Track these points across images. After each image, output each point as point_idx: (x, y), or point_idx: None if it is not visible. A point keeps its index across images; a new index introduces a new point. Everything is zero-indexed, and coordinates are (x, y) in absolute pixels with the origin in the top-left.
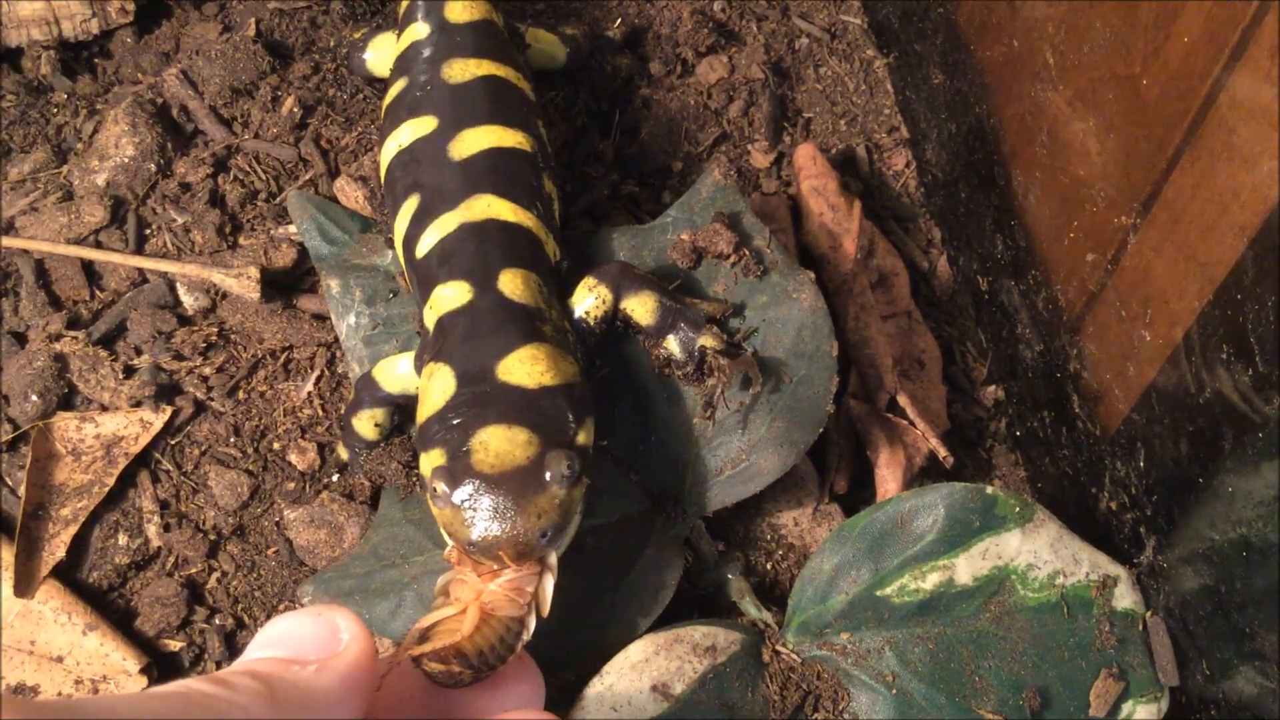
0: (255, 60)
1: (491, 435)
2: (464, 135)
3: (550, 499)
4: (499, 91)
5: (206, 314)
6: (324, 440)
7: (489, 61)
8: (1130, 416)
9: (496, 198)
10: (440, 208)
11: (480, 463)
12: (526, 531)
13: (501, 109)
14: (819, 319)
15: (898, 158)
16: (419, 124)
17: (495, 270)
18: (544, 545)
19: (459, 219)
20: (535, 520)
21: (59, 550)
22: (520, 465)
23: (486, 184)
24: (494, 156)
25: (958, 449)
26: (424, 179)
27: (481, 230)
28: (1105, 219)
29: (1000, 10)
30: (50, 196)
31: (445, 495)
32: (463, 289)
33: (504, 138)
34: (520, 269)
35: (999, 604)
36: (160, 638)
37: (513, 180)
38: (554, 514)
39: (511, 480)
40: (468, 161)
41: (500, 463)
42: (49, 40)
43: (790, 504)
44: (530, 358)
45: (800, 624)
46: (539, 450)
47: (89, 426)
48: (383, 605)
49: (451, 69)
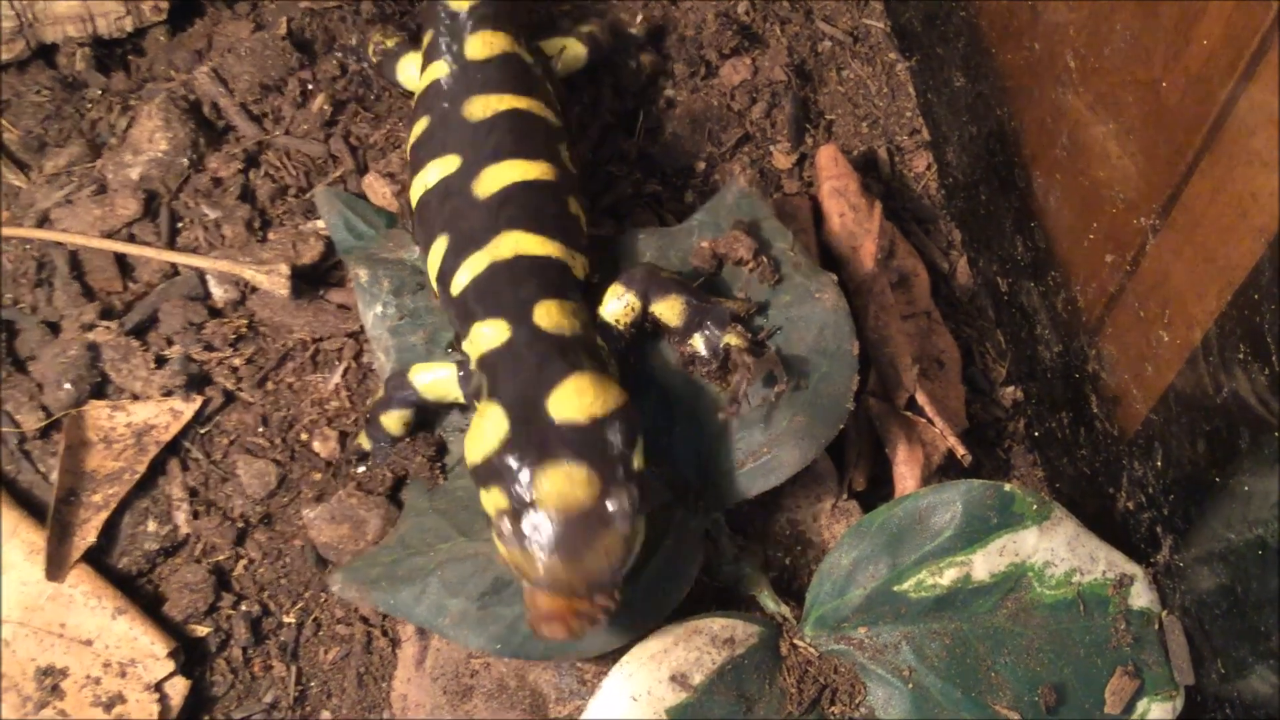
0: (284, 57)
1: (551, 476)
2: (486, 172)
3: (616, 536)
4: (520, 125)
5: (236, 306)
6: (349, 431)
7: (510, 96)
8: (1148, 417)
9: (523, 233)
10: (469, 247)
11: (544, 504)
12: (596, 570)
13: (522, 143)
14: (841, 318)
15: (919, 160)
16: (443, 163)
17: (530, 305)
18: (614, 579)
19: (488, 258)
20: (604, 557)
21: (90, 535)
22: (584, 505)
23: (511, 221)
24: (516, 191)
25: (976, 449)
26: (451, 219)
27: (511, 267)
28: (1125, 221)
29: (1022, 14)
30: (85, 190)
31: (512, 536)
32: (501, 327)
33: (526, 171)
34: (554, 299)
35: (1016, 601)
36: (188, 623)
37: (537, 213)
38: (620, 549)
39: (577, 521)
40: (491, 200)
41: (564, 504)
42: (84, 37)
43: (809, 500)
44: (576, 391)
45: (818, 618)
46: (600, 488)
47: (120, 415)
48: (408, 592)
49: (473, 106)
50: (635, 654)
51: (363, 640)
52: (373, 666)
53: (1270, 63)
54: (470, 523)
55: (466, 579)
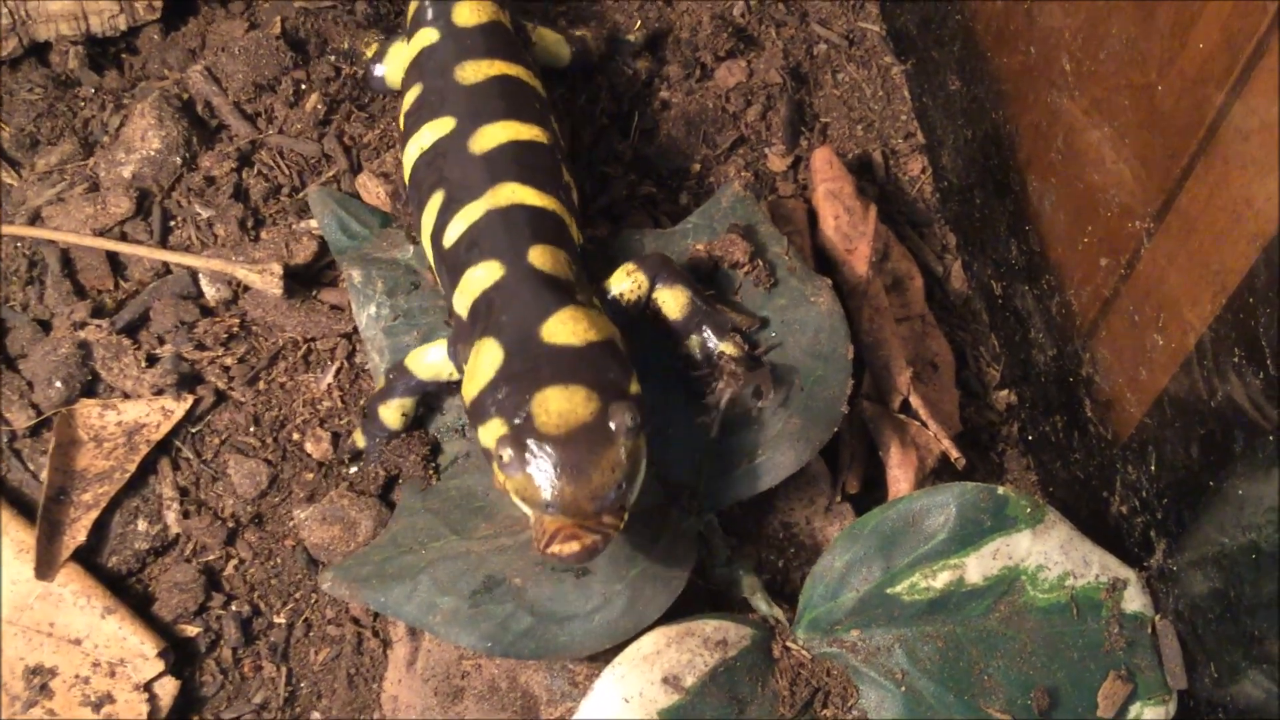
0: (278, 56)
1: (550, 397)
2: (483, 131)
3: (619, 451)
4: (512, 90)
5: (228, 305)
6: (341, 431)
7: (500, 61)
8: (1142, 421)
9: (520, 185)
10: (465, 198)
11: (545, 425)
12: (602, 486)
13: (516, 106)
14: (836, 322)
15: (914, 163)
16: (438, 125)
17: (525, 247)
18: (620, 496)
19: (485, 206)
20: (610, 474)
21: (80, 534)
22: (585, 422)
23: (509, 173)
24: (514, 148)
25: (969, 452)
26: (447, 174)
27: (508, 214)
28: (1119, 226)
29: (1018, 18)
30: (77, 188)
31: (515, 461)
32: (494, 267)
33: (521, 131)
34: (549, 245)
35: (1009, 604)
36: (177, 623)
37: (534, 169)
38: (625, 464)
39: (579, 438)
40: (489, 154)
41: (565, 422)
42: (77, 35)
43: (802, 502)
44: (571, 318)
45: (810, 620)
46: (600, 405)
47: (111, 414)
48: (399, 589)
49: (464, 71)
50: (627, 655)
51: (353, 641)
52: (363, 667)
53: (1266, 68)
54: (463, 521)
55: (458, 577)
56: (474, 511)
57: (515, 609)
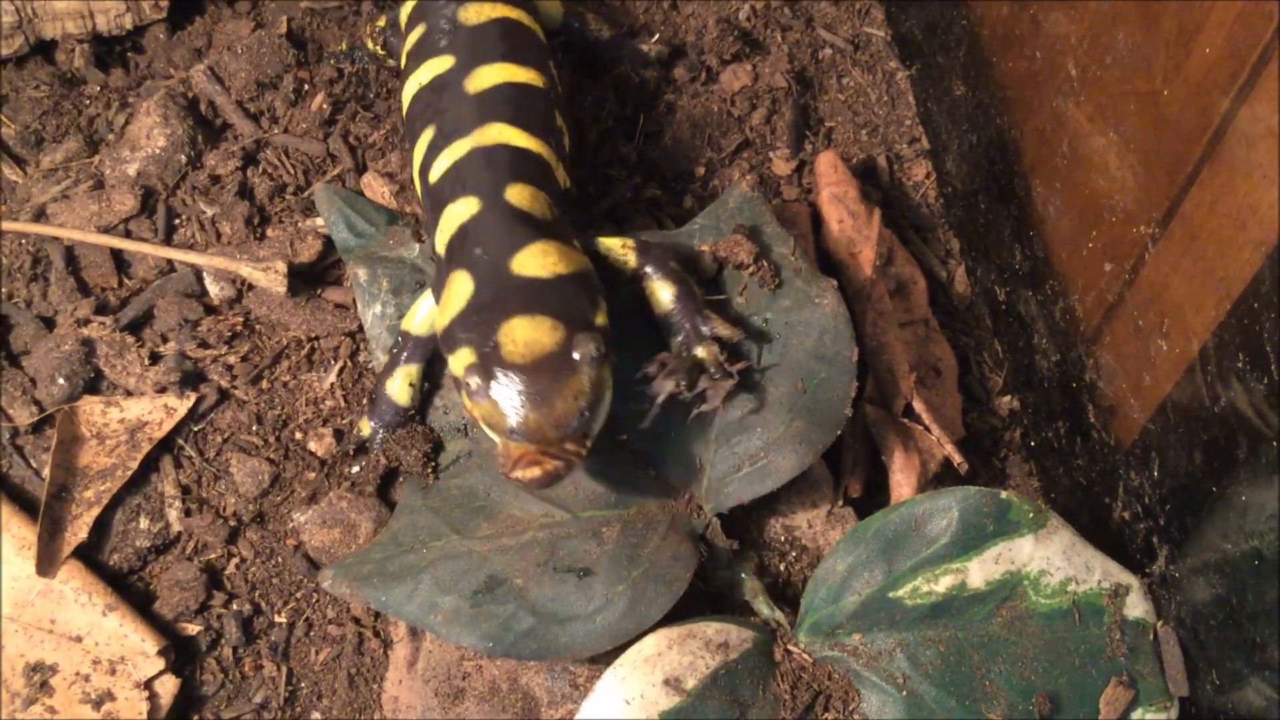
0: (280, 54)
1: (517, 326)
2: (479, 71)
3: (583, 379)
4: (513, 33)
5: (232, 303)
6: (344, 430)
7: (503, 4)
8: (1146, 427)
9: (508, 125)
10: (454, 136)
11: (511, 354)
12: (565, 413)
13: (515, 49)
14: (841, 324)
15: (918, 168)
16: (437, 63)
17: (503, 184)
18: (583, 424)
19: (471, 144)
20: (572, 401)
21: (81, 531)
22: (550, 351)
23: (499, 114)
24: (507, 90)
25: (972, 458)
26: (440, 110)
27: (491, 153)
28: (1124, 232)
29: (1023, 24)
30: (82, 185)
31: (481, 389)
32: (471, 203)
33: (517, 74)
34: (528, 185)
35: (1011, 609)
36: (178, 621)
37: (525, 111)
38: (588, 393)
39: (544, 366)
40: (482, 94)
41: (530, 351)
42: (83, 34)
43: (805, 506)
44: (541, 252)
45: (812, 624)
46: (565, 335)
47: (114, 411)
48: (400, 589)
49: (468, 12)
50: (629, 657)
51: (354, 641)
52: (364, 668)
53: (1271, 75)
54: (464, 521)
55: (459, 577)
56: (475, 511)
57: (517, 609)
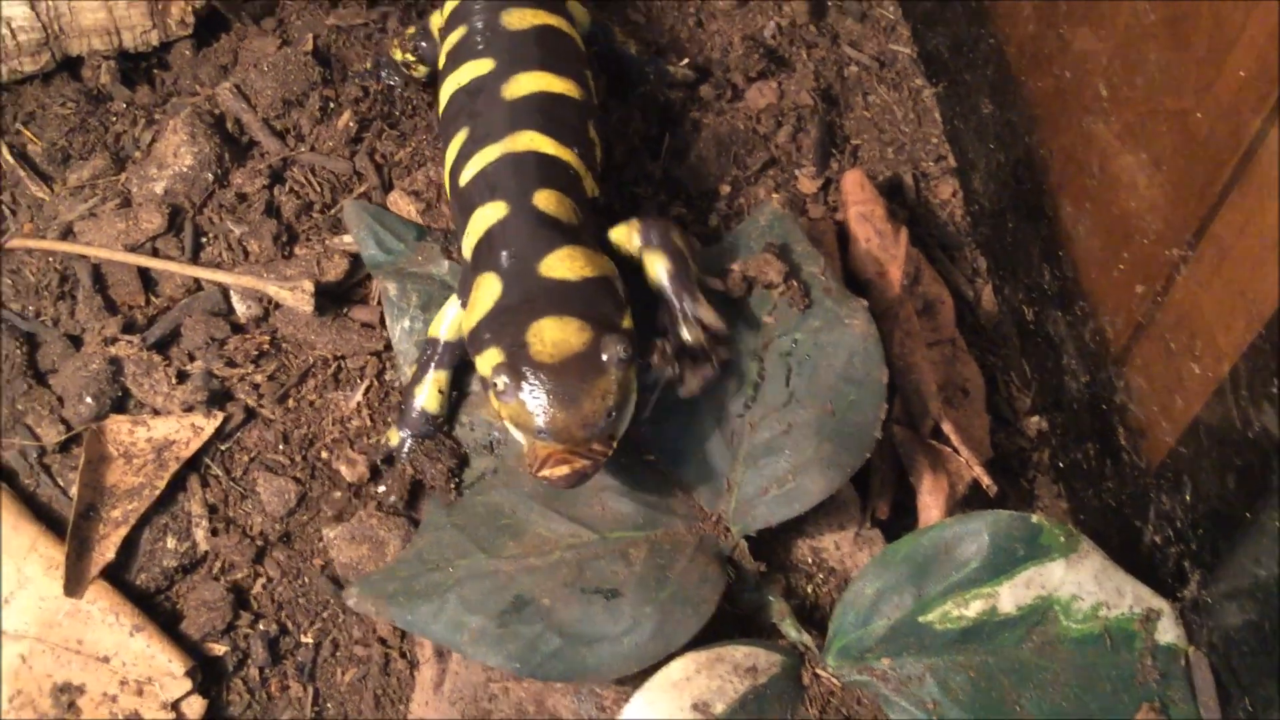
0: (306, 72)
1: (545, 326)
2: (518, 78)
3: (610, 380)
4: (553, 40)
5: (259, 322)
6: (370, 452)
7: (545, 13)
8: (1176, 450)
9: (540, 134)
10: (486, 140)
11: (539, 353)
12: (593, 413)
13: (555, 57)
14: (871, 346)
15: (944, 186)
16: (477, 65)
17: (532, 189)
18: (609, 425)
19: (502, 150)
20: (600, 401)
21: (109, 551)
22: (578, 351)
23: (532, 122)
24: (542, 99)
25: (1000, 478)
26: (475, 114)
27: (520, 159)
28: (1153, 252)
29: (1050, 42)
30: (109, 203)
31: (509, 388)
32: (500, 207)
33: (554, 84)
34: (557, 190)
35: (1042, 634)
36: (205, 641)
37: (558, 121)
38: (616, 393)
39: (572, 366)
40: (517, 101)
41: (558, 351)
42: (109, 50)
43: (832, 527)
44: (569, 255)
45: (841, 648)
46: (593, 336)
47: (141, 430)
48: (426, 607)
49: (510, 17)
50: (657, 681)
51: (380, 662)
52: (390, 688)
53: None
54: (491, 539)
55: (486, 596)
56: (501, 529)
57: (544, 629)
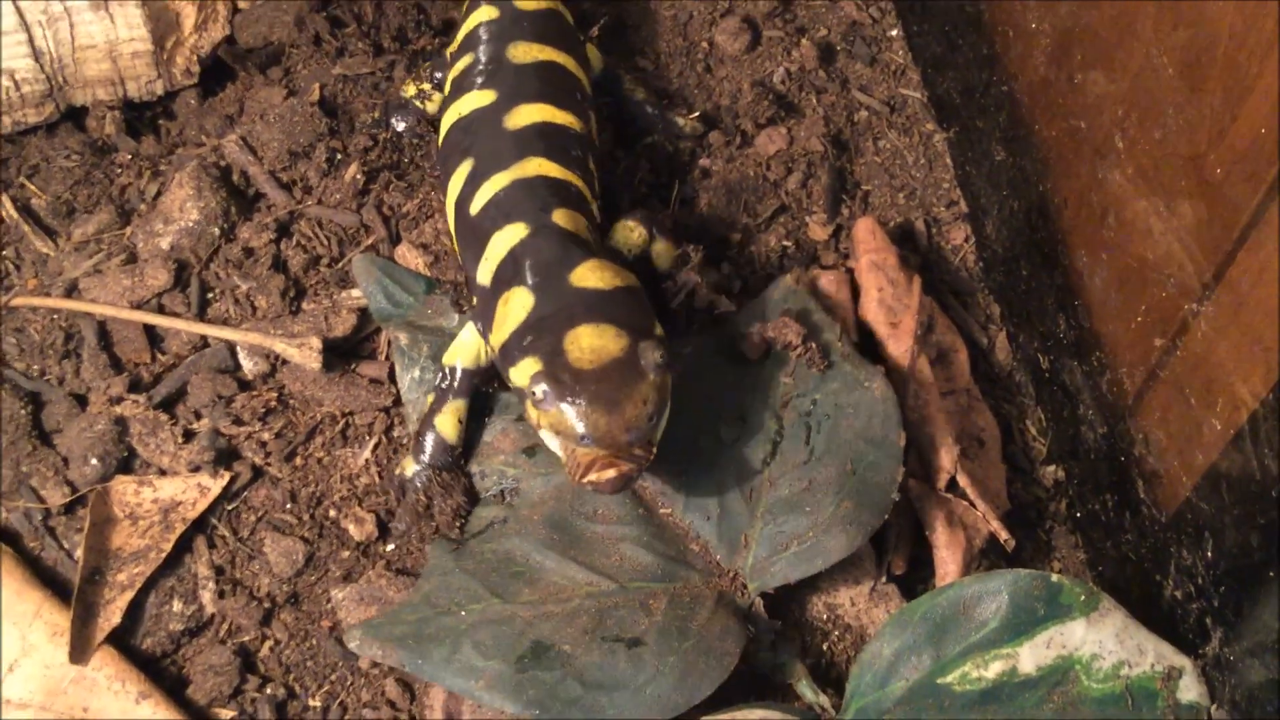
0: (313, 123)
1: (582, 334)
2: (519, 109)
3: (649, 385)
4: (557, 76)
5: (266, 379)
6: (378, 510)
7: (552, 49)
8: (1196, 503)
9: (546, 160)
10: (493, 169)
11: (578, 360)
12: (635, 417)
13: (557, 91)
14: (889, 407)
15: (956, 232)
16: (479, 96)
17: (549, 209)
18: (650, 429)
19: (511, 176)
20: (641, 405)
21: (115, 616)
22: (616, 357)
23: (537, 149)
24: (544, 128)
25: (1016, 530)
26: (478, 145)
27: (532, 184)
28: (1169, 300)
29: (1062, 88)
30: (114, 259)
31: (549, 396)
32: (519, 228)
33: (556, 115)
34: (571, 209)
35: (1062, 694)
36: (212, 706)
37: (562, 149)
38: (655, 398)
39: (611, 372)
40: (520, 131)
41: (597, 357)
42: (114, 100)
43: (847, 583)
44: (598, 267)
45: (859, 709)
46: (629, 342)
47: (147, 490)
48: (438, 652)
49: (516, 50)
50: None
51: None
52: None
53: None
54: (503, 585)
55: (502, 641)
56: (514, 576)
57: (564, 676)
